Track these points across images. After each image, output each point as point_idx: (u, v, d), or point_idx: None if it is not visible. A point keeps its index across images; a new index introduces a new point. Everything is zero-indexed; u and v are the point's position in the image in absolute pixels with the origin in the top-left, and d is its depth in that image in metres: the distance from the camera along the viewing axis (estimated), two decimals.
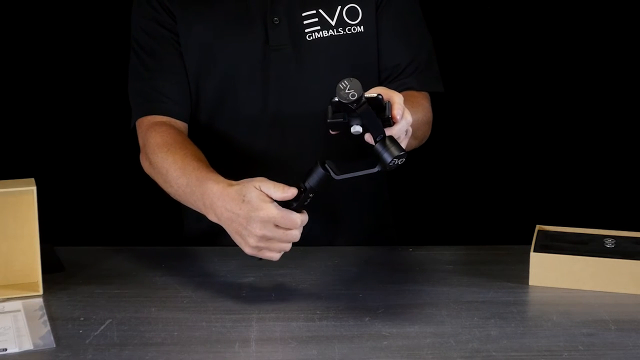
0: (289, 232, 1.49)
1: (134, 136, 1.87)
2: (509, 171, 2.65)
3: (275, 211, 1.48)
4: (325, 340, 1.42)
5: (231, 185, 1.53)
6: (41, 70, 2.55)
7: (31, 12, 2.52)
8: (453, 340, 1.42)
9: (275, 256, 1.53)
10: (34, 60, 2.55)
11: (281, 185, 1.49)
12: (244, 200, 1.49)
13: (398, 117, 1.47)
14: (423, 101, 1.80)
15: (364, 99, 1.41)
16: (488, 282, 1.63)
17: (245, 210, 1.49)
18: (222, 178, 1.57)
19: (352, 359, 1.37)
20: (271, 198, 1.48)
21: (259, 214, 1.48)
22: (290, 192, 1.48)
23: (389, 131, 1.46)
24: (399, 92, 1.79)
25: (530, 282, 1.62)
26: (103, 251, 1.77)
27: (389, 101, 1.47)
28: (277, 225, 1.49)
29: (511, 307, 1.54)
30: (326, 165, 1.48)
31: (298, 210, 1.49)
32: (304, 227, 1.52)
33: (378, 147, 1.45)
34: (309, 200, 1.49)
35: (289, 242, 1.51)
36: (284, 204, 1.49)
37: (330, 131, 1.48)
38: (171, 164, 1.68)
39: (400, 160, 1.45)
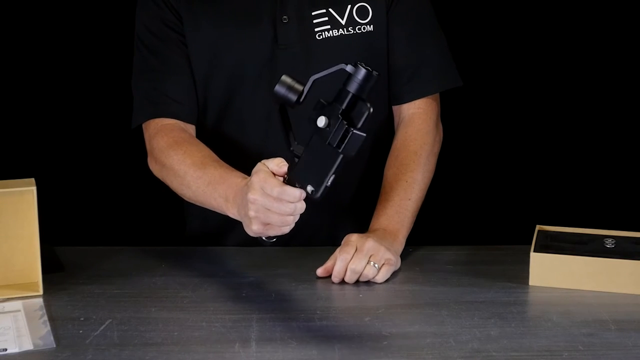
0: (278, 202, 1.44)
1: (134, 136, 1.87)
2: (509, 171, 2.65)
3: (262, 174, 1.45)
4: (325, 340, 1.42)
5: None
6: (41, 70, 2.55)
7: (31, 12, 2.53)
8: (453, 340, 1.42)
9: (281, 230, 1.48)
10: (34, 60, 2.55)
11: (281, 160, 1.47)
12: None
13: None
14: (422, 153, 1.80)
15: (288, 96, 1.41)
16: (488, 282, 1.63)
17: (247, 182, 1.50)
18: (244, 175, 1.58)
19: (352, 359, 1.37)
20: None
21: (252, 178, 1.47)
22: (282, 170, 1.46)
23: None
24: (414, 98, 1.83)
25: (530, 282, 1.62)
26: (103, 251, 1.77)
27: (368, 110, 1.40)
28: (267, 194, 1.45)
29: (511, 307, 1.53)
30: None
31: (292, 185, 1.45)
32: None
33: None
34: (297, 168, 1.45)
35: (284, 215, 1.45)
36: None
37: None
38: (190, 165, 1.68)
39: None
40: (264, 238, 1.53)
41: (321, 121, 1.39)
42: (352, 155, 1.38)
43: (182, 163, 1.70)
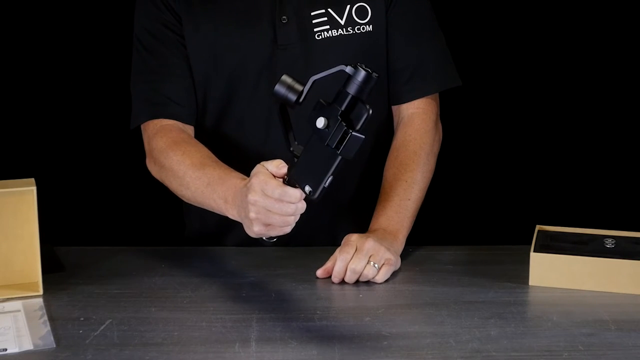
0: (279, 203, 1.44)
1: (133, 136, 1.86)
2: (509, 171, 2.65)
3: (262, 176, 1.46)
4: (325, 340, 1.42)
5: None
6: (41, 70, 2.55)
7: (31, 12, 2.53)
8: (453, 340, 1.42)
9: (282, 230, 1.48)
10: (34, 60, 2.55)
11: (280, 162, 1.47)
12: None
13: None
14: (420, 157, 1.80)
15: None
16: (488, 282, 1.63)
17: (246, 183, 1.50)
18: (243, 176, 1.58)
19: (352, 359, 1.37)
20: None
21: (252, 180, 1.47)
22: (281, 172, 1.46)
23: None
24: (413, 98, 1.83)
25: (530, 282, 1.62)
26: (103, 251, 1.77)
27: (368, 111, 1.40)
28: (267, 195, 1.45)
29: (511, 307, 1.53)
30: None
31: (292, 185, 1.45)
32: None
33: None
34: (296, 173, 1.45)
35: (285, 215, 1.45)
36: None
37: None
38: (189, 166, 1.68)
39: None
40: (264, 238, 1.53)
41: (320, 122, 1.39)
42: (351, 157, 1.37)
43: (181, 164, 1.69)
